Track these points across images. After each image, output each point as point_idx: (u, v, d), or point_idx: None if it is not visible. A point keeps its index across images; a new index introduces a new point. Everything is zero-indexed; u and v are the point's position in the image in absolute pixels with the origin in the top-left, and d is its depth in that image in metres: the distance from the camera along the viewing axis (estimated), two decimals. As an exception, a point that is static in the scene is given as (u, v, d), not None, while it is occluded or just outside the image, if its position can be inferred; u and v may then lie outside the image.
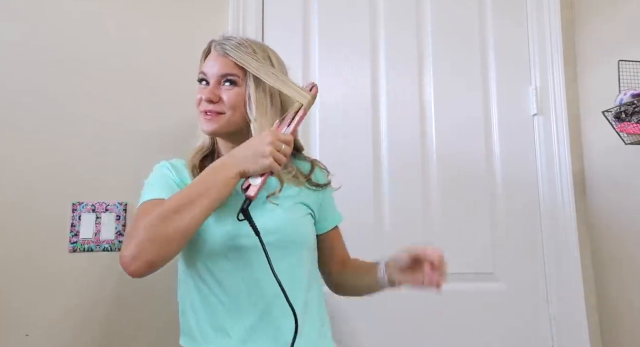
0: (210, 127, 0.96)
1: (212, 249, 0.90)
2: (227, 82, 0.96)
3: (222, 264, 0.90)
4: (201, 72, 0.99)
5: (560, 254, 1.52)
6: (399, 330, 1.45)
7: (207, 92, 0.95)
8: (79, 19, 1.37)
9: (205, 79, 0.98)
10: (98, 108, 1.35)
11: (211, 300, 0.91)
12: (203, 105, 0.96)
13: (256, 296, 0.90)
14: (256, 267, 0.90)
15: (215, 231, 0.89)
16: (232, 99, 0.95)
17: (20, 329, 1.22)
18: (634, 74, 1.34)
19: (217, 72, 0.96)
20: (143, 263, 0.76)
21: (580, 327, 1.49)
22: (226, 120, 0.95)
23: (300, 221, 0.98)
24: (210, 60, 0.98)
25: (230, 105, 0.95)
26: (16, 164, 1.28)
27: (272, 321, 0.90)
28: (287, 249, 0.93)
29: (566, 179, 1.56)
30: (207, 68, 0.98)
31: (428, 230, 1.51)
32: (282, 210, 0.96)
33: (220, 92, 0.95)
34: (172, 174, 0.97)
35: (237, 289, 0.90)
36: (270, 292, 0.89)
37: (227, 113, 0.95)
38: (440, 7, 1.61)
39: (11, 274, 1.24)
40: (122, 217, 1.32)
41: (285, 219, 0.95)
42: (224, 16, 1.47)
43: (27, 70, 1.32)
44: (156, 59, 1.41)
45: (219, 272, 0.91)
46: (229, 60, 0.96)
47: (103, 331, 1.27)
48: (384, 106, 1.55)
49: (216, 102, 0.95)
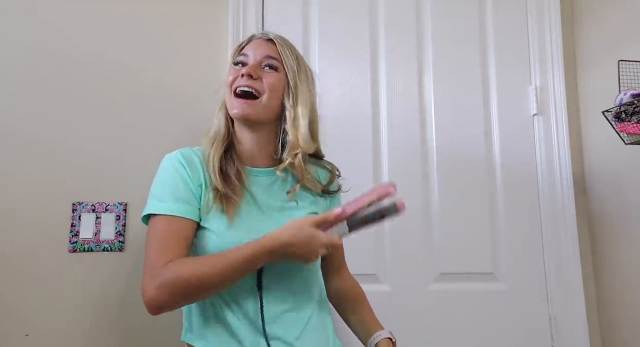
0: (243, 111, 0.92)
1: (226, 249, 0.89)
2: (268, 66, 0.94)
3: None
4: (241, 54, 0.97)
5: (560, 254, 1.52)
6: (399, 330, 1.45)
7: (249, 67, 0.92)
8: (78, 18, 1.37)
9: (243, 61, 0.96)
10: (98, 108, 1.35)
11: (215, 299, 0.90)
12: (239, 81, 0.92)
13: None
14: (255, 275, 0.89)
15: (228, 237, 0.88)
16: (274, 82, 0.93)
17: (20, 329, 1.22)
18: (634, 74, 1.34)
19: (262, 53, 0.95)
20: (168, 309, 0.84)
21: (580, 327, 1.49)
22: (262, 106, 0.93)
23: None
24: (252, 45, 0.98)
25: (271, 87, 0.93)
26: (16, 164, 1.28)
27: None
28: (299, 264, 0.91)
29: (566, 179, 1.56)
30: (249, 50, 0.97)
31: (428, 230, 1.51)
32: (299, 217, 0.93)
33: (260, 73, 0.94)
34: (185, 170, 0.91)
35: (242, 290, 0.89)
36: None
37: (264, 97, 0.93)
38: (440, 7, 1.61)
39: (11, 274, 1.24)
40: (122, 217, 1.32)
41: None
42: (224, 16, 1.47)
43: (27, 71, 1.32)
44: (156, 59, 1.41)
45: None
46: (273, 46, 0.96)
47: (103, 331, 1.27)
48: (383, 106, 1.55)
49: (256, 78, 0.92)
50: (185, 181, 0.91)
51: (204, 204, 0.90)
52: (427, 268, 1.49)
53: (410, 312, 1.46)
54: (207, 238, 0.89)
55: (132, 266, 1.30)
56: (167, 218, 0.88)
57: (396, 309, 1.45)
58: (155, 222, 0.89)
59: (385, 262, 1.47)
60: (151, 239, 0.87)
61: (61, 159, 1.31)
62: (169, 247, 0.85)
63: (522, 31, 1.65)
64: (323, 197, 1.02)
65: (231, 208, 0.89)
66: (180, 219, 0.88)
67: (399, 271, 1.47)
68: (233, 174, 0.93)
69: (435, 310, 1.48)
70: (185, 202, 0.89)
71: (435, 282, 1.49)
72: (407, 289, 1.47)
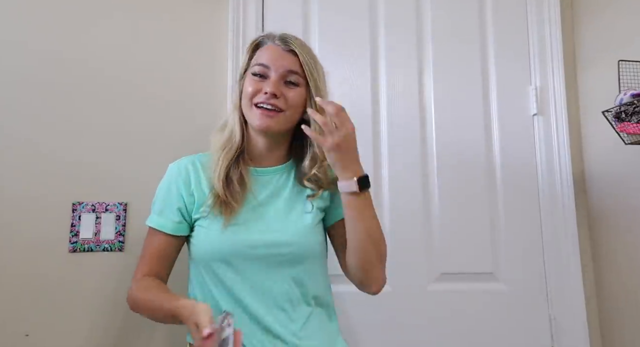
0: (266, 123, 0.91)
1: (219, 254, 0.91)
2: (290, 82, 0.93)
3: (225, 268, 0.91)
4: (260, 64, 0.94)
5: (560, 254, 1.52)
6: (399, 330, 1.45)
7: (272, 86, 0.91)
8: (77, 19, 1.37)
9: (262, 73, 0.93)
10: (98, 108, 1.35)
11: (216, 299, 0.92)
12: (261, 97, 0.91)
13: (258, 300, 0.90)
14: (256, 273, 0.91)
15: (219, 240, 0.90)
16: (296, 99, 0.93)
17: (20, 329, 1.22)
18: (634, 74, 1.34)
19: (284, 66, 0.92)
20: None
21: (580, 327, 1.49)
22: (285, 119, 0.93)
23: (314, 231, 0.96)
24: (272, 53, 0.94)
25: (294, 104, 0.92)
26: (16, 164, 1.28)
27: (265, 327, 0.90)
28: (297, 260, 0.92)
29: (566, 179, 1.55)
30: (268, 60, 0.93)
31: (428, 230, 1.51)
32: (300, 217, 0.95)
33: (282, 89, 0.92)
34: (181, 180, 0.96)
35: (239, 291, 0.91)
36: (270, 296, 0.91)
37: (288, 112, 0.92)
38: (441, 6, 1.61)
39: (11, 274, 1.24)
40: (122, 217, 1.32)
41: (301, 232, 0.94)
42: (224, 16, 1.47)
43: (27, 72, 1.32)
44: (156, 59, 1.41)
45: (222, 275, 0.92)
46: (295, 58, 0.93)
47: (103, 331, 1.27)
48: (383, 105, 1.55)
49: (279, 97, 0.91)
50: (176, 194, 0.96)
51: (203, 206, 0.93)
52: (427, 268, 1.49)
53: (410, 312, 1.46)
54: (200, 237, 0.93)
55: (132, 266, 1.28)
56: (152, 230, 0.98)
57: (396, 309, 1.45)
58: (148, 232, 0.99)
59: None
60: (142, 248, 0.99)
61: (61, 159, 1.31)
62: (146, 260, 0.97)
63: (522, 31, 1.65)
64: (329, 189, 1.00)
65: (228, 214, 0.91)
66: (161, 233, 0.96)
67: (399, 271, 1.47)
68: (236, 179, 0.94)
69: (435, 310, 1.47)
70: (168, 218, 0.96)
71: (435, 282, 1.49)
72: (407, 289, 1.47)
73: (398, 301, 1.46)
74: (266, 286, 0.91)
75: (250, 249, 0.91)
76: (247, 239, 0.91)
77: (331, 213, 1.02)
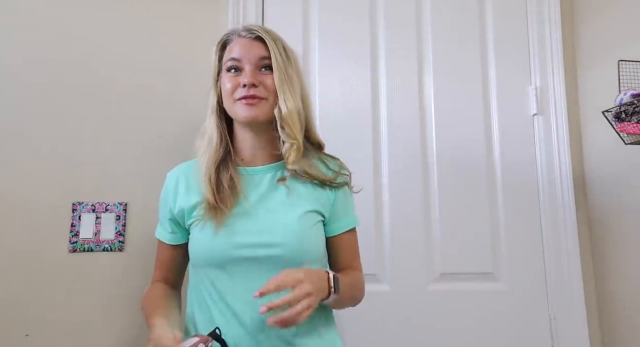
0: (252, 112, 0.91)
1: (211, 259, 0.91)
2: (265, 67, 0.92)
3: (217, 273, 0.91)
4: (231, 58, 0.94)
5: (560, 254, 1.52)
6: (399, 330, 1.45)
7: (249, 76, 0.90)
8: (77, 19, 1.37)
9: (236, 66, 0.93)
10: (98, 108, 1.35)
11: (208, 304, 0.92)
12: (241, 92, 0.91)
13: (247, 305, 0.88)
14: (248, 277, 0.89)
15: (211, 245, 0.90)
16: (273, 83, 0.92)
17: (20, 329, 1.22)
18: (634, 74, 1.34)
19: (255, 55, 0.92)
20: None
21: (580, 327, 1.49)
22: (269, 106, 0.92)
23: (309, 232, 0.93)
24: (240, 46, 0.94)
25: (273, 89, 0.92)
26: (16, 164, 1.28)
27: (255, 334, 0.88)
28: (292, 263, 0.89)
29: (566, 179, 1.55)
30: (239, 53, 0.93)
31: (428, 230, 1.51)
32: (293, 217, 0.92)
33: (259, 78, 0.92)
34: (171, 191, 0.98)
35: (232, 297, 0.89)
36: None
37: (270, 98, 0.92)
38: (440, 6, 1.61)
39: (11, 274, 1.24)
40: (122, 217, 1.32)
41: (293, 233, 0.91)
42: (224, 16, 1.47)
43: (27, 71, 1.32)
44: (156, 59, 1.41)
45: (215, 279, 0.91)
46: (262, 44, 0.93)
47: (103, 331, 1.27)
48: (383, 106, 1.55)
49: (257, 86, 0.91)
50: (166, 206, 1.00)
51: (194, 212, 0.94)
52: (427, 268, 1.49)
53: (410, 312, 1.46)
54: (193, 243, 0.95)
55: (132, 266, 1.30)
56: (158, 241, 1.03)
57: (396, 309, 1.45)
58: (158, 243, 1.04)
59: (385, 262, 1.47)
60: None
61: (61, 159, 1.31)
62: (156, 267, 1.03)
63: (522, 31, 1.65)
64: (326, 190, 0.99)
65: (218, 218, 0.91)
66: (162, 243, 1.02)
67: (399, 271, 1.47)
68: (226, 182, 0.93)
69: (435, 310, 1.47)
70: (165, 229, 1.01)
71: (435, 282, 1.49)
72: (407, 289, 1.47)
73: (398, 301, 1.46)
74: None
75: (239, 251, 0.89)
76: (236, 241, 0.89)
77: (329, 225, 1.00)
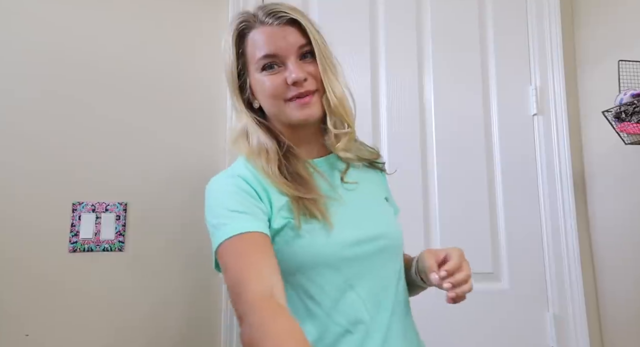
0: (309, 111, 0.79)
1: (323, 260, 0.77)
2: (304, 55, 0.80)
3: (327, 273, 0.77)
4: (265, 56, 0.78)
5: (560, 254, 1.52)
6: (399, 330, 1.45)
7: (297, 72, 0.76)
8: (78, 19, 1.37)
9: (274, 63, 0.79)
10: (98, 108, 1.35)
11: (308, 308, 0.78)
12: (292, 91, 0.78)
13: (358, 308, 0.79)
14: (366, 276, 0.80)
15: (334, 240, 0.76)
16: (317, 72, 0.79)
17: (20, 329, 1.22)
18: (634, 74, 1.34)
19: (293, 44, 0.78)
20: None
21: (580, 327, 1.49)
22: (319, 98, 0.80)
23: (394, 219, 0.89)
24: (270, 37, 0.79)
25: (319, 78, 0.79)
26: (16, 164, 1.28)
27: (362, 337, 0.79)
28: (399, 251, 0.85)
29: (566, 179, 1.56)
30: (274, 47, 0.78)
31: (428, 230, 1.51)
32: (381, 204, 0.86)
33: (305, 70, 0.78)
34: (255, 185, 0.77)
35: (334, 298, 0.77)
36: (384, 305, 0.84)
37: (320, 89, 0.79)
38: (440, 6, 1.61)
39: (11, 274, 1.23)
40: (122, 217, 1.31)
41: (390, 220, 0.86)
42: (224, 16, 1.47)
43: (27, 71, 1.32)
44: (156, 59, 1.41)
45: (321, 282, 0.77)
46: (294, 28, 0.79)
47: (103, 331, 1.27)
48: (383, 106, 1.55)
49: (307, 79, 0.78)
50: (253, 195, 0.77)
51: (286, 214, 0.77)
52: (427, 268, 1.49)
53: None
54: (302, 243, 0.76)
55: (132, 266, 1.30)
56: (242, 239, 0.73)
57: (396, 309, 1.45)
58: (231, 246, 0.74)
59: (385, 262, 1.48)
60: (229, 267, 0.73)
61: (61, 159, 1.31)
62: (262, 275, 0.70)
63: (522, 31, 1.65)
64: (377, 172, 0.94)
65: (320, 210, 0.76)
66: (259, 237, 0.73)
67: (399, 271, 1.47)
68: (301, 171, 0.80)
69: (435, 310, 1.47)
70: (255, 216, 0.75)
71: (435, 282, 1.49)
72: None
73: (398, 301, 1.46)
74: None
75: (356, 248, 0.78)
76: (351, 237, 0.78)
77: None
